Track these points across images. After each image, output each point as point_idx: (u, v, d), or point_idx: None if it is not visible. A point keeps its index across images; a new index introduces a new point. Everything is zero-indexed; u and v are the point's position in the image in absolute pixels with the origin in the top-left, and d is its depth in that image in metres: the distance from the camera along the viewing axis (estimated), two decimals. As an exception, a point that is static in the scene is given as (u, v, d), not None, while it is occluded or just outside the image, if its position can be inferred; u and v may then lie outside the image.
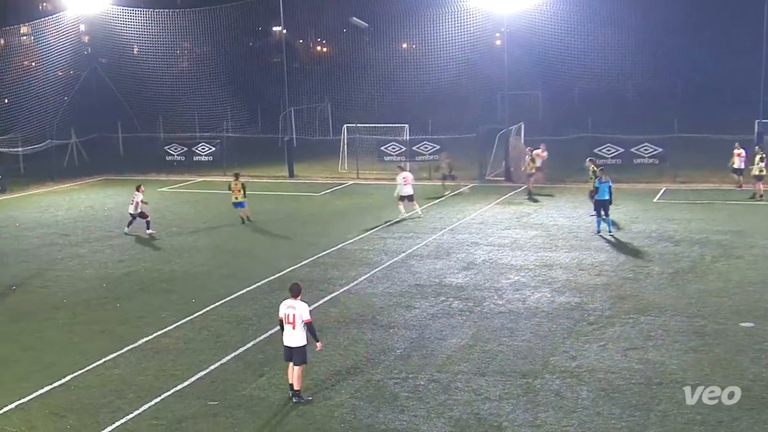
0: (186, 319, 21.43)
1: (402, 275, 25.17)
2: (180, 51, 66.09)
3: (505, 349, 18.71)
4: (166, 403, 16.28)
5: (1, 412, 16.01)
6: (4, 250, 30.66)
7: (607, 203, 29.68)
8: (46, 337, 20.60)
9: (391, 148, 47.31)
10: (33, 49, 59.39)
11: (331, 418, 15.36)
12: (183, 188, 45.06)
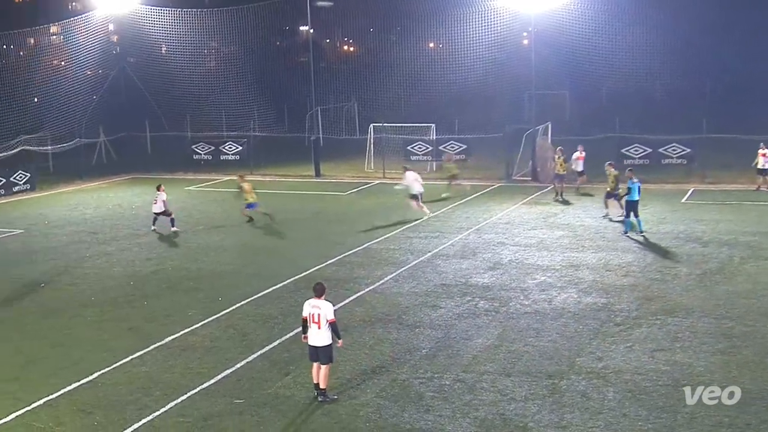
0: (212, 318, 21.52)
1: (428, 275, 25.15)
2: (207, 50, 66.48)
3: (531, 349, 18.65)
4: (192, 400, 16.36)
5: (29, 408, 16.15)
6: (33, 247, 30.93)
7: (638, 204, 29.56)
8: (75, 334, 20.76)
9: (417, 148, 47.39)
10: (62, 49, 59.88)
11: (357, 417, 15.37)
12: (210, 187, 45.25)
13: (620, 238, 29.32)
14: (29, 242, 31.92)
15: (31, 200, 42.19)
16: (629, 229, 29.65)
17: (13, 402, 16.46)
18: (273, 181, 46.50)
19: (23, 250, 30.58)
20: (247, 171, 47.25)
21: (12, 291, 25.03)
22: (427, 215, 33.78)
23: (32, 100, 54.30)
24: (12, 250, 30.58)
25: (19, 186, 44.12)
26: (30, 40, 61.52)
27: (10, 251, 30.51)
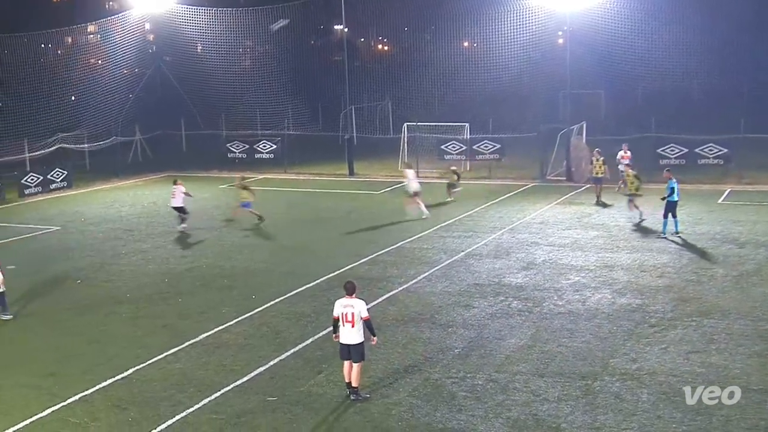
0: (246, 315, 21.63)
1: (461, 274, 25.10)
2: (242, 49, 66.77)
3: (564, 350, 18.55)
4: (225, 397, 16.46)
5: (65, 404, 16.33)
6: (69, 244, 31.26)
7: (676, 204, 29.32)
8: (110, 331, 20.95)
9: (451, 147, 47.31)
10: (99, 47, 60.47)
11: (389, 416, 15.38)
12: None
13: (655, 238, 29.08)
14: (66, 239, 32.26)
15: (67, 197, 42.64)
16: (667, 230, 29.35)
17: (50, 397, 16.65)
18: (307, 179, 46.63)
19: (60, 246, 30.92)
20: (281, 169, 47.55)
21: (49, 287, 25.32)
22: (425, 215, 33.57)
23: (69, 99, 54.85)
24: (49, 247, 30.91)
25: (56, 183, 44.62)
26: (68, 39, 62.20)
27: (48, 248, 30.84)
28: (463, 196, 38.70)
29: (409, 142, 48.82)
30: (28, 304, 23.47)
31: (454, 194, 37.90)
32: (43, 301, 23.73)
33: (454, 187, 38.19)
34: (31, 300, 23.92)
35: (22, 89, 53.56)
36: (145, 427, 15.21)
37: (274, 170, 49.46)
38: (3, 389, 17.22)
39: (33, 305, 23.38)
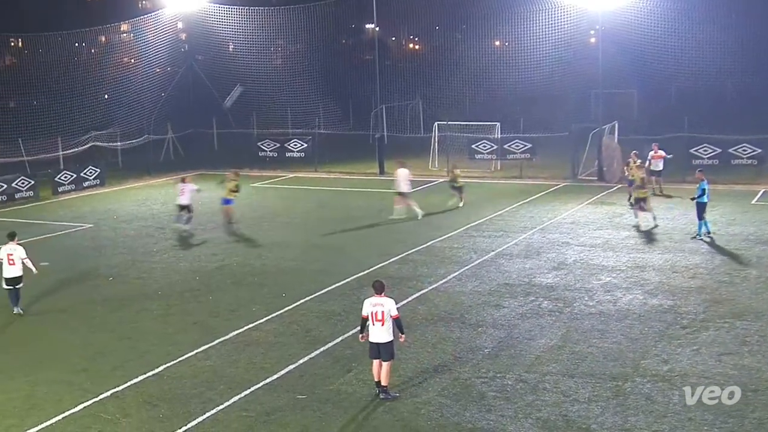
0: (276, 313, 21.70)
1: (491, 274, 25.04)
2: (274, 48, 66.98)
3: (595, 350, 18.45)
4: (255, 395, 16.52)
5: (97, 399, 16.46)
6: (102, 242, 31.52)
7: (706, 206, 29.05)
8: (141, 328, 21.10)
9: (482, 146, 47.20)
10: (132, 46, 60.95)
11: (418, 416, 15.37)
12: (275, 184, 45.63)
13: (687, 239, 28.84)
14: (98, 236, 32.53)
15: (100, 195, 42.98)
16: (701, 231, 29.06)
17: (82, 393, 16.80)
18: (337, 178, 46.71)
19: (92, 244, 31.18)
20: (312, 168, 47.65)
21: (81, 284, 25.55)
22: (419, 214, 33.43)
23: (103, 97, 55.34)
24: (82, 244, 31.18)
25: (89, 181, 44.99)
26: (101, 38, 62.73)
27: (80, 245, 31.12)
28: (495, 196, 38.65)
29: (439, 142, 48.78)
30: (61, 301, 23.71)
31: (462, 198, 36.44)
32: (75, 298, 23.95)
33: (461, 191, 36.58)
34: (64, 296, 24.16)
35: (57, 88, 54.17)
36: (176, 423, 15.30)
37: (305, 169, 49.58)
38: (37, 384, 17.40)
39: (66, 301, 23.60)
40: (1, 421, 15.64)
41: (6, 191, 40.76)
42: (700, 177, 29.47)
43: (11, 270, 22.15)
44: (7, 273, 22.19)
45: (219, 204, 34.05)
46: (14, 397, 16.74)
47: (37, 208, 39.82)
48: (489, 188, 41.68)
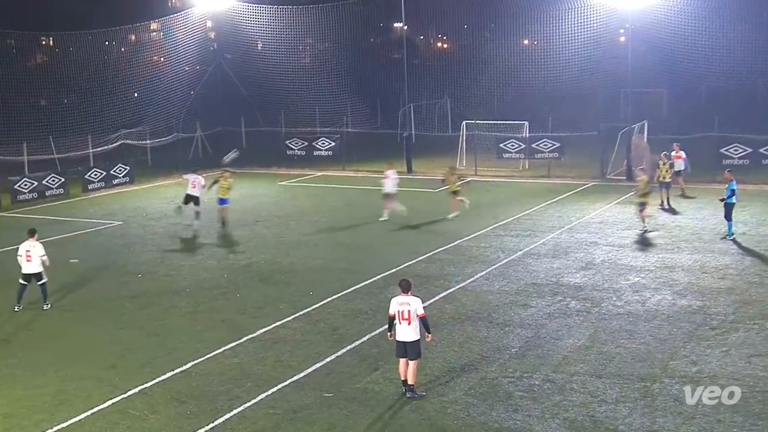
0: (303, 311, 21.75)
1: (519, 273, 24.97)
2: (302, 47, 67.12)
3: (623, 351, 18.35)
4: (282, 393, 16.57)
5: (125, 396, 16.58)
6: (131, 239, 31.73)
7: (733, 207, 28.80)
8: (170, 325, 21.22)
9: (510, 146, 47.07)
10: (162, 45, 61.28)
11: (445, 415, 15.35)
12: (303, 182, 45.73)
13: (717, 239, 28.61)
14: (127, 233, 32.76)
15: (129, 193, 43.29)
16: (731, 232, 28.79)
17: (110, 389, 16.93)
18: (365, 177, 46.72)
19: (122, 241, 31.40)
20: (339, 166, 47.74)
21: (111, 281, 25.74)
22: (404, 212, 33.24)
23: (132, 96, 55.70)
24: (111, 241, 31.41)
25: (118, 179, 45.34)
26: (131, 36, 63.09)
27: (110, 242, 31.34)
28: (522, 195, 38.49)
29: (467, 141, 48.71)
30: (90, 297, 23.89)
31: (462, 203, 33.93)
32: (105, 294, 24.12)
33: (457, 194, 34.03)
34: (94, 293, 24.34)
35: (87, 86, 54.59)
36: (203, 420, 15.38)
37: (333, 167, 49.68)
38: (66, 380, 17.55)
39: (95, 298, 23.78)
40: (31, 416, 15.79)
41: (37, 188, 41.16)
42: (729, 177, 29.19)
43: (29, 266, 22.38)
44: (25, 269, 22.42)
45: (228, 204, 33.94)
46: (44, 392, 16.90)
47: (68, 206, 40.16)
48: (517, 187, 41.58)
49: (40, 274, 22.44)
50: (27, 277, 22.47)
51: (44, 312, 22.44)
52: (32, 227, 23.58)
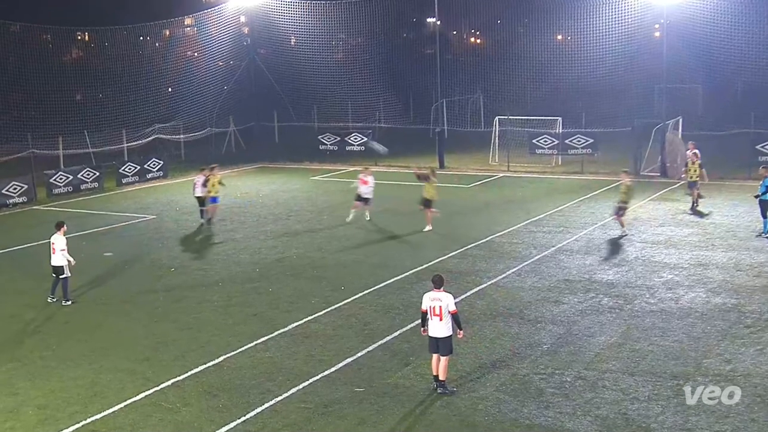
0: (335, 306, 21.81)
1: (551, 270, 24.87)
2: (335, 42, 67.19)
3: (655, 348, 18.23)
4: (313, 387, 16.63)
5: (158, 388, 16.72)
6: (164, 233, 31.95)
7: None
8: (202, 318, 21.36)
9: (543, 141, 46.87)
10: (196, 40, 61.59)
11: (476, 411, 15.34)
12: (334, 177, 45.80)
13: (752, 237, 28.32)
14: (161, 227, 33.01)
15: (163, 187, 43.59)
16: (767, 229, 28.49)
17: (143, 381, 17.08)
18: (397, 172, 46.71)
19: (155, 235, 31.64)
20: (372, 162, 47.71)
21: (145, 274, 25.96)
22: (350, 218, 32.36)
23: (166, 90, 56.07)
24: (145, 235, 31.65)
25: (152, 173, 45.69)
26: (165, 31, 63.51)
27: (144, 236, 31.58)
28: (555, 191, 38.29)
29: (500, 136, 48.57)
30: (124, 290, 24.10)
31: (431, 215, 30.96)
32: (138, 288, 24.32)
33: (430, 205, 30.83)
34: (128, 286, 24.55)
35: (122, 81, 55.02)
36: (235, 413, 15.47)
37: (365, 163, 49.59)
38: (101, 372, 17.73)
39: (129, 291, 23.99)
40: (66, 407, 15.97)
41: (72, 182, 41.59)
42: (764, 173, 28.88)
43: (52, 259, 22.72)
44: (51, 261, 22.76)
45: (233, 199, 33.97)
46: (79, 384, 17.09)
47: (102, 199, 40.52)
48: (549, 183, 41.39)
49: (61, 268, 22.60)
50: (52, 270, 22.77)
51: (79, 305, 22.69)
52: (60, 220, 23.79)
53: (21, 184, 39.18)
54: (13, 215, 37.08)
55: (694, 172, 33.55)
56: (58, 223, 23.21)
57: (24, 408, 16.05)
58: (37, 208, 38.17)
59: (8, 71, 56.33)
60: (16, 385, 17.18)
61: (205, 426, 15.01)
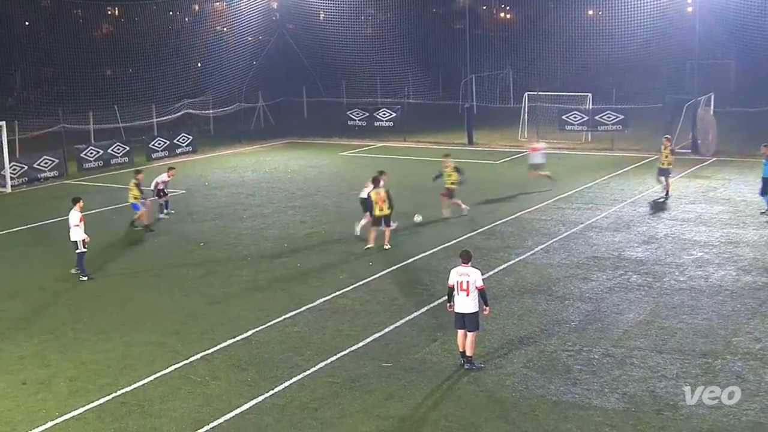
0: (362, 282, 21.85)
1: (579, 247, 24.77)
2: (364, 17, 66.96)
3: (684, 326, 18.14)
4: (341, 362, 16.70)
5: (187, 362, 16.87)
6: (194, 208, 32.11)
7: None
8: (231, 293, 21.49)
9: (572, 118, 46.54)
10: (225, 15, 61.61)
11: (503, 387, 15.35)
12: (363, 153, 45.79)
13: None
14: (190, 202, 33.16)
15: (192, 162, 43.77)
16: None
17: (173, 355, 17.24)
18: (425, 148, 46.63)
19: (185, 210, 31.78)
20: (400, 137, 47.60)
21: (174, 249, 26.13)
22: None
23: (196, 65, 56.19)
24: (174, 209, 31.76)
25: (181, 148, 45.87)
26: (195, 6, 63.61)
27: (173, 210, 31.69)
28: (584, 167, 38.05)
29: (529, 112, 48.31)
30: (154, 264, 24.30)
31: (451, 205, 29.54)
32: (168, 262, 24.50)
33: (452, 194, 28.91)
34: (158, 261, 24.74)
35: (151, 56, 55.16)
36: (263, 387, 15.58)
37: (394, 138, 49.64)
38: (132, 345, 17.91)
39: (159, 266, 24.18)
40: (96, 379, 16.16)
41: (102, 157, 41.87)
42: (765, 152, 28.55)
43: (70, 233, 22.91)
44: (72, 236, 22.92)
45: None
46: (109, 357, 17.28)
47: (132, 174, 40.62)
48: (579, 160, 41.14)
49: (75, 243, 22.81)
50: (72, 244, 23.07)
51: (109, 278, 22.96)
52: (76, 196, 23.85)
53: (52, 159, 39.53)
54: (45, 189, 37.43)
55: (665, 158, 31.51)
56: (74, 199, 23.44)
57: (55, 379, 16.26)
58: (68, 183, 38.48)
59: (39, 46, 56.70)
60: (48, 357, 17.41)
61: (234, 399, 15.13)
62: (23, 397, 15.51)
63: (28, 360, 17.31)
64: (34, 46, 56.97)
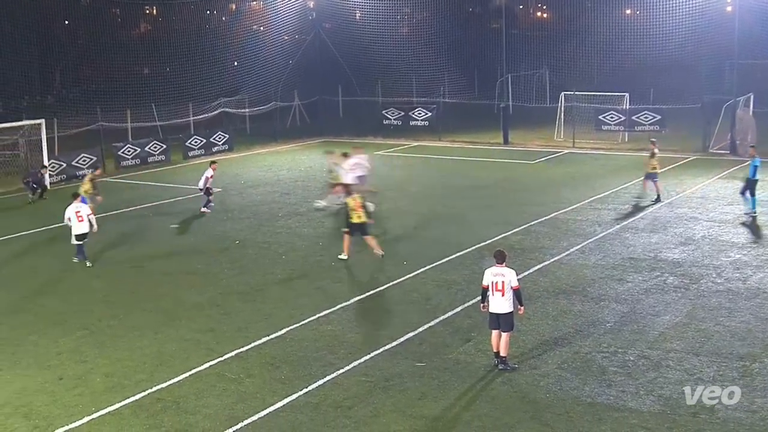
0: (397, 281, 21.85)
1: (615, 248, 24.60)
2: (400, 16, 66.98)
3: (721, 329, 17.94)
4: (375, 361, 16.70)
5: (222, 359, 16.95)
6: (229, 206, 32.28)
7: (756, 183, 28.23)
8: (266, 291, 21.56)
9: (609, 118, 46.28)
10: (261, 14, 61.89)
11: (537, 388, 15.28)
12: (398, 152, 45.78)
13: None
14: (226, 200, 33.33)
15: (228, 160, 43.96)
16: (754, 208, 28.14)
17: (207, 352, 17.33)
18: (461, 147, 46.55)
19: (221, 208, 31.93)
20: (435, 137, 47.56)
21: (210, 246, 26.26)
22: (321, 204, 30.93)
23: (232, 64, 56.48)
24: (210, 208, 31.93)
25: (217, 146, 46.18)
26: (231, 5, 63.96)
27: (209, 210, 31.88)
28: (621, 168, 37.76)
29: (566, 112, 48.07)
30: (190, 262, 24.44)
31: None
32: (204, 260, 24.64)
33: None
34: (193, 258, 24.89)
35: (188, 55, 55.54)
36: (297, 385, 15.62)
37: (429, 138, 49.61)
38: (167, 342, 18.03)
39: (194, 263, 24.32)
40: (132, 375, 16.28)
41: (139, 155, 42.27)
42: (753, 153, 28.61)
43: (81, 227, 24.04)
44: (77, 230, 24.06)
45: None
46: (145, 353, 17.41)
47: (169, 172, 41.07)
48: (615, 160, 40.87)
49: (87, 234, 24.12)
50: (80, 237, 24.09)
51: (145, 275, 23.18)
52: (75, 191, 25.64)
53: (90, 156, 39.92)
54: (83, 187, 37.78)
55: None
56: (74, 193, 25.10)
57: (92, 375, 16.41)
58: (106, 180, 38.80)
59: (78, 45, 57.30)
60: (85, 353, 17.58)
61: (268, 397, 15.19)
62: (60, 392, 15.67)
63: (65, 356, 17.49)
64: (72, 44, 57.58)
